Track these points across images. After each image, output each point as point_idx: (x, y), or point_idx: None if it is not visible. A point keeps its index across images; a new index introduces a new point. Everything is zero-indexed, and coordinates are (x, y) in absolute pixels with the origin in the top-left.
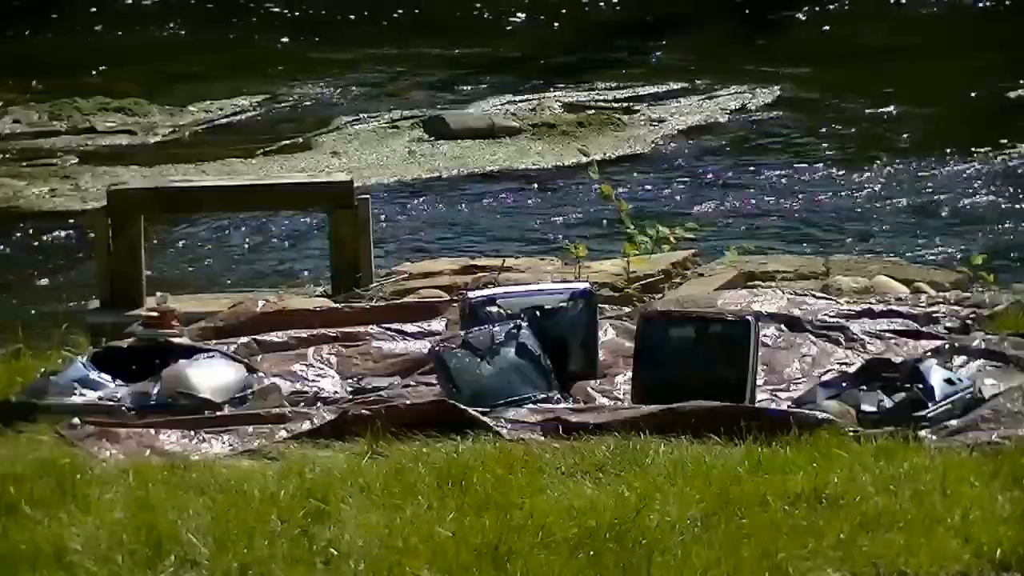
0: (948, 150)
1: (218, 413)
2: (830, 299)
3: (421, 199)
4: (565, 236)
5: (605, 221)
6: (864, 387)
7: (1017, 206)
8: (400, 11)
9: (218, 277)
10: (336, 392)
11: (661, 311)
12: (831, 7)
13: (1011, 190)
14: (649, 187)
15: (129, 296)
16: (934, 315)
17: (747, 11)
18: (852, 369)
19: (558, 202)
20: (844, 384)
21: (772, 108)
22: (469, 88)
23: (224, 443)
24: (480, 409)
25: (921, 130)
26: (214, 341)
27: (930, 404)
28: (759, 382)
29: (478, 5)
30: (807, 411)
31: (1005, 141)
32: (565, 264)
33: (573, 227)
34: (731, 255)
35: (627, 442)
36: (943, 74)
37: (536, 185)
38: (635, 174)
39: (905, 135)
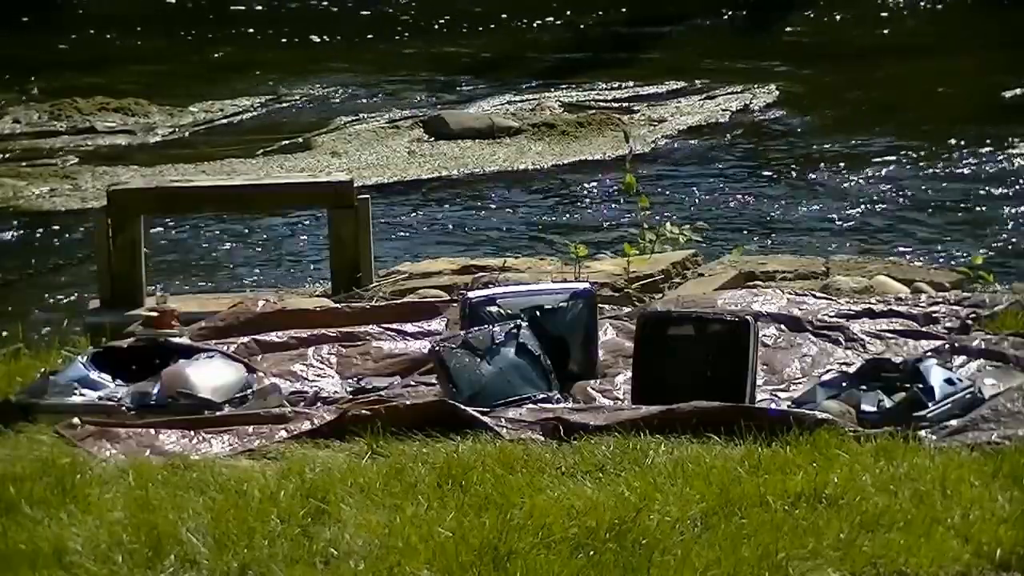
0: (949, 149)
1: (218, 413)
2: (830, 299)
3: (421, 199)
4: (565, 236)
5: (604, 221)
6: (864, 387)
7: (1017, 206)
8: (400, 11)
9: (218, 277)
10: (336, 392)
11: (661, 311)
12: (832, 6)
13: (1011, 190)
14: (648, 187)
15: (129, 296)
16: (934, 315)
17: (747, 11)
18: (852, 369)
19: (558, 202)
20: (844, 384)
21: (772, 108)
22: (469, 88)
23: (224, 443)
24: (480, 409)
25: (921, 129)
26: (214, 341)
27: (930, 404)
28: (759, 382)
29: (478, 5)
30: (807, 411)
31: (1006, 140)
32: (565, 264)
33: (573, 227)
34: (734, 255)
35: (627, 442)
36: (943, 73)
37: (536, 185)
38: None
39: (905, 134)
